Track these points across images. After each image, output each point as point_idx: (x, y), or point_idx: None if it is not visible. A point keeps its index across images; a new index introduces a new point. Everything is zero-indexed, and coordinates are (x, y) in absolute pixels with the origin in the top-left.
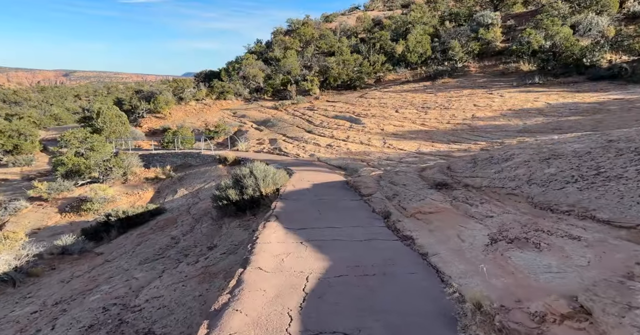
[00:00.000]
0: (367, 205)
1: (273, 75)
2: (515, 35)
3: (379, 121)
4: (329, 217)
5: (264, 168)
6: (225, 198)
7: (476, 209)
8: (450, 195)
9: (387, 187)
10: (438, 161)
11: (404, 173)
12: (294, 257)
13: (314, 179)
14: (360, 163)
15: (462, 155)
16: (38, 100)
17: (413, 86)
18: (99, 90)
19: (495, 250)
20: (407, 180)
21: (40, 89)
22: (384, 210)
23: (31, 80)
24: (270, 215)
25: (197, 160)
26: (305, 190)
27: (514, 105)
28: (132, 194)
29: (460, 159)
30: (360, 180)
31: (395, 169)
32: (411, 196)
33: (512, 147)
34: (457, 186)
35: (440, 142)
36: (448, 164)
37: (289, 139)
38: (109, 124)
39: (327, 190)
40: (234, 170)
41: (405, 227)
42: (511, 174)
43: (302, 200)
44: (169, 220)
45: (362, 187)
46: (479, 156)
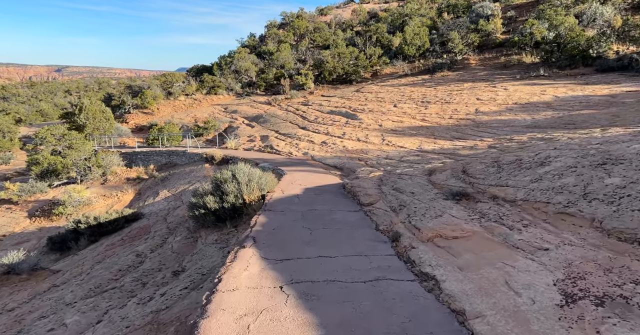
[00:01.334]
0: (368, 220)
1: (266, 69)
2: (516, 26)
3: (377, 116)
4: (321, 239)
5: (249, 171)
6: (203, 206)
7: (520, 236)
8: (476, 211)
9: (391, 194)
10: (444, 161)
11: (409, 177)
12: (268, 319)
13: (306, 182)
14: (358, 162)
15: (469, 153)
16: (27, 96)
17: (411, 80)
18: (90, 86)
19: (581, 319)
20: (415, 187)
21: (30, 84)
22: (390, 229)
23: (23, 75)
24: (247, 236)
25: (183, 158)
26: (295, 198)
27: (519, 99)
28: (111, 196)
29: (477, 160)
30: (358, 184)
31: (396, 169)
32: (423, 210)
33: (543, 147)
34: (481, 197)
35: (443, 139)
36: (462, 166)
37: (281, 135)
38: (92, 120)
39: (321, 197)
40: (214, 174)
41: (422, 259)
42: (555, 184)
43: (290, 211)
44: (143, 229)
45: (361, 194)
46: (503, 158)
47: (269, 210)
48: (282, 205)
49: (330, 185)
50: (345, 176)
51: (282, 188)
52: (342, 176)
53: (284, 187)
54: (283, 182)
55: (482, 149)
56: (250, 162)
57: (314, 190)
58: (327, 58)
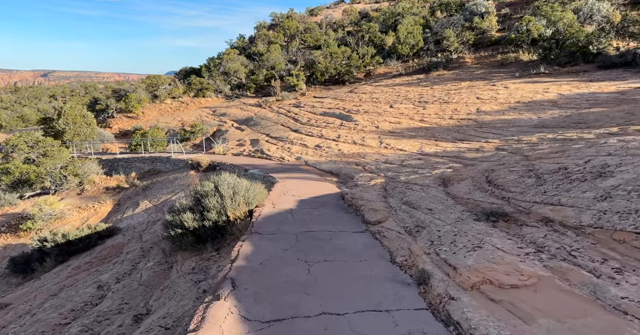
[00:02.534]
0: (379, 246)
1: (256, 70)
2: (511, 24)
3: (373, 118)
4: (323, 281)
5: (234, 182)
6: (180, 225)
7: (619, 290)
8: (526, 240)
9: (402, 210)
10: (451, 165)
11: (420, 187)
12: None
13: (300, 192)
14: (355, 167)
15: (476, 156)
16: (10, 102)
17: (406, 79)
18: (76, 90)
19: None
20: (431, 201)
21: (14, 89)
22: (411, 263)
23: (7, 81)
24: (225, 278)
25: (167, 165)
26: (287, 214)
27: (522, 97)
28: (87, 207)
29: (504, 168)
30: (360, 195)
31: (399, 175)
32: (451, 235)
33: (590, 153)
34: (525, 219)
35: (445, 141)
36: (486, 175)
37: (272, 139)
38: (73, 125)
39: (318, 211)
40: (194, 186)
41: (473, 322)
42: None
43: (282, 235)
44: (115, 248)
45: (365, 209)
46: (539, 166)
47: (257, 232)
48: (273, 226)
49: (327, 195)
50: (342, 183)
51: (273, 200)
52: (339, 183)
53: (275, 199)
54: (274, 193)
55: (489, 151)
56: (238, 168)
57: (309, 203)
58: (319, 58)
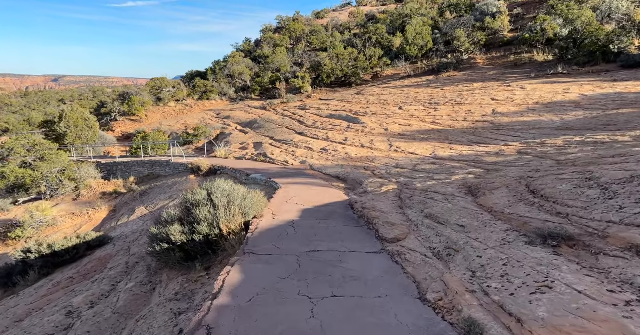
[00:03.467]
0: (401, 274)
1: (261, 73)
2: (524, 24)
3: (381, 120)
4: (331, 331)
5: (229, 189)
6: (166, 239)
7: None
8: (612, 277)
9: (425, 225)
10: (471, 170)
11: (444, 197)
12: None
13: (304, 200)
14: (364, 172)
15: (497, 160)
16: (20, 106)
17: (415, 81)
18: (85, 94)
19: None
20: (461, 215)
21: (24, 94)
22: (450, 304)
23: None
24: (198, 325)
25: (167, 169)
26: (289, 227)
27: (541, 98)
28: (81, 214)
29: (548, 175)
30: (372, 204)
31: (413, 181)
32: (499, 264)
33: None
34: (600, 244)
35: (460, 144)
36: (525, 184)
37: (276, 142)
38: (74, 129)
39: (324, 224)
40: (185, 194)
41: None
42: None
43: (281, 256)
44: (101, 262)
45: (379, 222)
46: (601, 174)
47: (251, 252)
48: (271, 242)
49: (334, 204)
50: (350, 190)
51: (274, 210)
52: (346, 190)
53: (277, 209)
54: (275, 201)
55: (511, 155)
56: (240, 173)
57: (314, 213)
58: (325, 60)
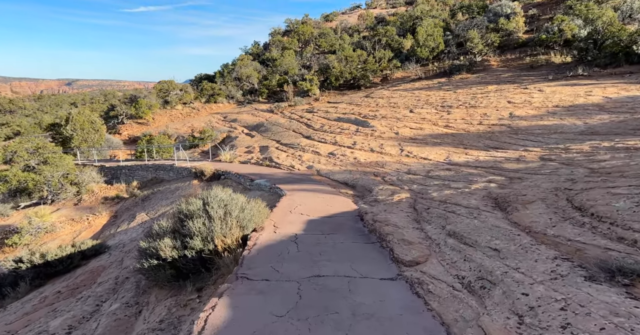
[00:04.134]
0: (425, 312)
1: (269, 76)
2: (540, 25)
3: (391, 123)
4: None
5: (227, 198)
6: (156, 255)
7: None
8: None
9: (449, 246)
10: (491, 178)
11: (467, 210)
12: None
13: (309, 208)
14: (373, 178)
15: (518, 167)
16: (33, 109)
17: (426, 83)
18: (96, 98)
19: None
20: (492, 235)
21: (37, 97)
22: None
23: (34, 89)
24: None
25: (171, 174)
26: (291, 242)
27: (561, 101)
28: (80, 220)
29: (599, 189)
30: (384, 216)
31: (427, 188)
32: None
33: None
34: None
35: (476, 149)
36: (566, 197)
37: (283, 146)
38: (80, 132)
39: (331, 240)
40: (179, 203)
41: None
42: None
43: (279, 284)
44: (93, 274)
45: (393, 238)
46: None
47: (244, 277)
48: (268, 263)
49: (342, 214)
50: (359, 197)
51: (277, 221)
52: (355, 197)
53: (279, 219)
54: (279, 210)
55: (533, 161)
56: (244, 178)
57: (320, 225)
58: (334, 63)
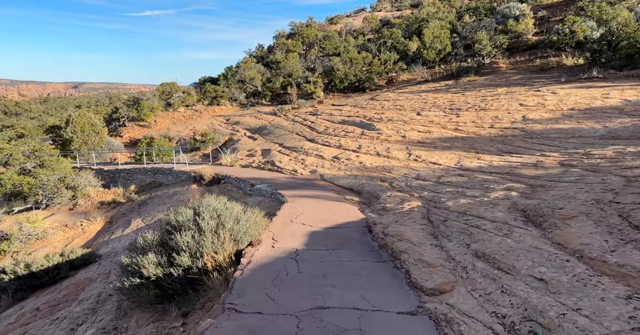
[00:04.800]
0: None
1: (273, 78)
2: (549, 27)
3: (398, 126)
4: None
5: (220, 207)
6: (138, 272)
7: None
8: None
9: (478, 271)
10: (510, 185)
11: (494, 225)
12: None
13: (312, 218)
14: (380, 184)
15: (538, 173)
16: (38, 111)
17: (433, 86)
18: (101, 100)
19: None
20: (534, 260)
21: (43, 100)
22: None
23: (41, 92)
24: None
25: (169, 178)
26: (290, 261)
27: (577, 104)
28: (74, 226)
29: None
30: (395, 228)
31: (439, 196)
32: None
33: None
34: None
35: (488, 153)
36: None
37: (285, 149)
38: (80, 134)
39: (336, 257)
40: (167, 214)
41: None
42: None
43: (272, 321)
44: (77, 288)
45: (409, 257)
46: None
47: (232, 308)
48: (262, 289)
49: (348, 225)
50: (366, 204)
51: (276, 232)
52: (361, 204)
53: (279, 230)
54: (279, 219)
55: (553, 167)
56: (244, 182)
57: (323, 238)
58: (338, 65)
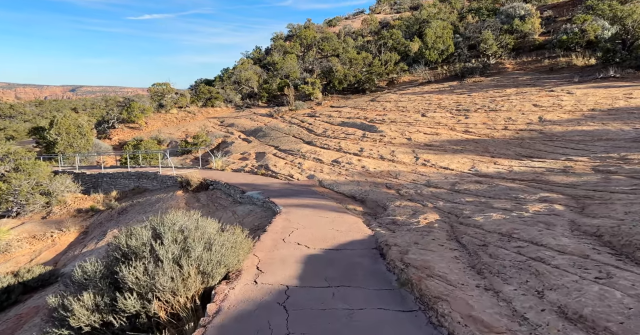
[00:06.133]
0: None
1: (270, 79)
2: (556, 27)
3: (402, 128)
4: None
5: (190, 226)
6: (66, 321)
7: None
8: None
9: None
10: (546, 195)
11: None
12: None
13: (309, 235)
14: (387, 191)
15: (570, 180)
16: (33, 114)
17: (436, 87)
18: (97, 103)
19: None
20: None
21: (38, 102)
22: None
23: (39, 95)
24: None
25: (154, 183)
26: (277, 309)
27: (597, 104)
28: (43, 237)
29: None
30: (414, 251)
31: (461, 209)
32: None
33: None
34: None
35: (506, 157)
36: None
37: (281, 152)
38: (65, 136)
39: (343, 302)
40: (119, 235)
41: None
42: None
43: None
44: (19, 322)
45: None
46: None
47: None
48: None
49: (353, 244)
50: (371, 215)
51: (262, 257)
52: (366, 215)
53: (266, 255)
54: (268, 237)
55: (586, 173)
56: (234, 189)
57: (323, 267)
58: (337, 66)
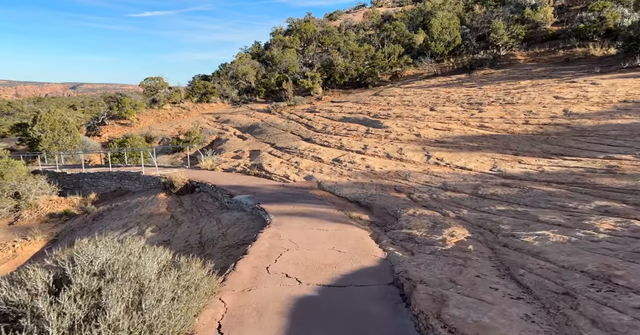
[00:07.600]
0: None
1: (268, 74)
2: (570, 16)
3: (410, 123)
4: None
5: (119, 263)
6: None
7: None
8: None
9: None
10: (610, 207)
11: None
12: None
13: (302, 261)
14: (396, 195)
15: (624, 183)
16: (31, 111)
17: (443, 80)
18: (96, 101)
19: None
20: None
21: (36, 100)
22: None
23: (39, 93)
24: None
25: (137, 184)
26: None
27: (629, 95)
28: (4, 247)
29: None
30: (456, 300)
31: (495, 220)
32: None
33: None
34: None
35: (531, 155)
36: None
37: (277, 150)
38: (50, 133)
39: None
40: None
41: None
42: None
43: None
44: None
45: None
46: None
47: None
48: None
49: (361, 275)
50: (380, 226)
51: (231, 304)
52: (374, 226)
53: (236, 304)
54: (247, 265)
55: (638, 174)
56: (222, 192)
57: (320, 327)
58: (338, 59)
